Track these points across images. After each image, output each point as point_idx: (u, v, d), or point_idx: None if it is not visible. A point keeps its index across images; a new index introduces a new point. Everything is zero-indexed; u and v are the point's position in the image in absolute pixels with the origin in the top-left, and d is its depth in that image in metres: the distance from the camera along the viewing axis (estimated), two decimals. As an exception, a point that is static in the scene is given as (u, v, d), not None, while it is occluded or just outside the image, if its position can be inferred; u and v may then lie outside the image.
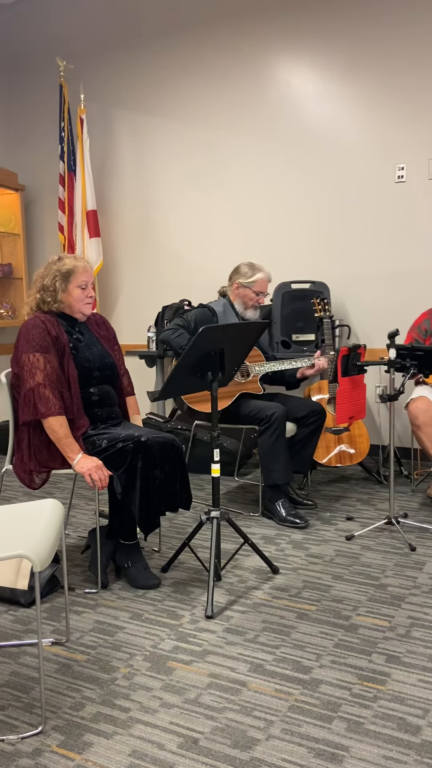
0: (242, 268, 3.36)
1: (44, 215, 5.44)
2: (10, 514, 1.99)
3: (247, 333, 2.53)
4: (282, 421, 3.12)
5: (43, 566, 1.66)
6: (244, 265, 3.36)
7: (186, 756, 1.58)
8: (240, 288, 3.34)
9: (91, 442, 2.49)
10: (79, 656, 2.04)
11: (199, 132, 4.73)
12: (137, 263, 5.09)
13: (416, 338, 3.57)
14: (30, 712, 1.76)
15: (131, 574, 2.53)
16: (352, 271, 4.35)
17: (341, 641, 2.10)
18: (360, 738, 1.64)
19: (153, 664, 1.99)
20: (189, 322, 3.29)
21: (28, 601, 2.37)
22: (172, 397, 2.60)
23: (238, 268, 3.38)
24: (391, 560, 2.73)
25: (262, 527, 3.17)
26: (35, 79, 5.34)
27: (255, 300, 3.34)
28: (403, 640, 2.10)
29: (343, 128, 4.27)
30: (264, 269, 3.35)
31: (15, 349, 2.51)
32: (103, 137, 5.10)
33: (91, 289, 2.63)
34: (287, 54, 4.37)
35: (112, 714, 1.75)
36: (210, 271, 4.81)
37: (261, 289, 3.33)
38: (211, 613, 2.27)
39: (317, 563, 2.72)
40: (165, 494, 2.49)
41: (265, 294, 3.36)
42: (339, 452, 3.64)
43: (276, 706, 1.77)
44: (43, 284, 2.58)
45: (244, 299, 3.35)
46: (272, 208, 4.55)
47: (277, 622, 2.23)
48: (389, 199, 4.19)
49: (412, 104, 4.06)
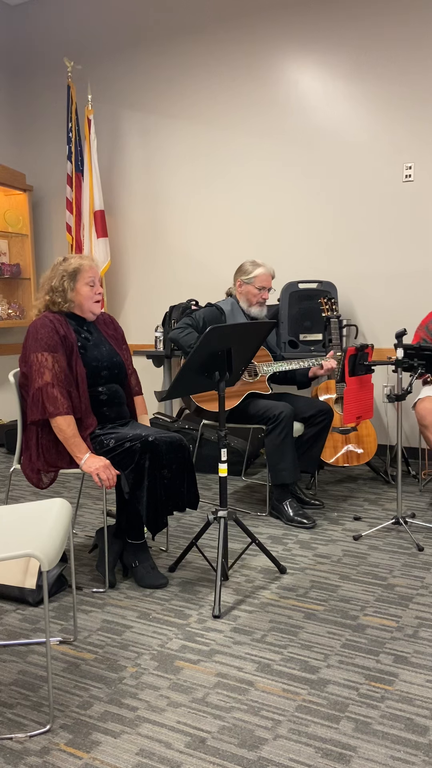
0: (244, 266, 3.37)
1: (52, 215, 5.46)
2: (19, 513, 1.99)
3: (255, 333, 2.53)
4: (289, 420, 3.12)
5: (51, 565, 1.67)
6: (247, 262, 3.37)
7: (193, 755, 1.59)
8: (243, 285, 3.35)
9: (98, 442, 2.49)
10: (86, 655, 2.05)
11: (206, 132, 4.73)
12: (145, 263, 5.10)
13: (424, 338, 3.56)
14: (38, 711, 1.77)
15: (139, 574, 2.53)
16: (359, 271, 4.34)
17: (349, 641, 2.10)
18: (367, 738, 1.63)
19: (160, 663, 1.99)
20: (198, 321, 3.30)
21: (36, 600, 2.38)
22: (179, 396, 2.61)
23: (241, 266, 3.39)
24: (398, 560, 2.73)
25: (269, 527, 3.17)
26: (43, 80, 5.35)
27: (258, 296, 3.34)
28: (411, 640, 2.09)
29: (350, 127, 4.26)
30: (265, 264, 3.35)
31: (23, 349, 2.52)
32: (111, 137, 5.11)
33: (99, 286, 2.64)
34: (295, 53, 4.36)
35: (119, 713, 1.75)
36: (217, 271, 4.81)
37: (263, 284, 3.33)
38: (219, 612, 2.27)
39: (325, 563, 2.72)
40: (172, 494, 2.49)
41: (268, 289, 3.36)
42: (346, 452, 3.63)
43: (283, 706, 1.77)
44: (52, 285, 2.59)
45: (247, 296, 3.36)
46: (280, 208, 4.55)
47: (284, 621, 2.23)
48: (397, 198, 4.18)
49: (420, 103, 4.05)
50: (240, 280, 3.36)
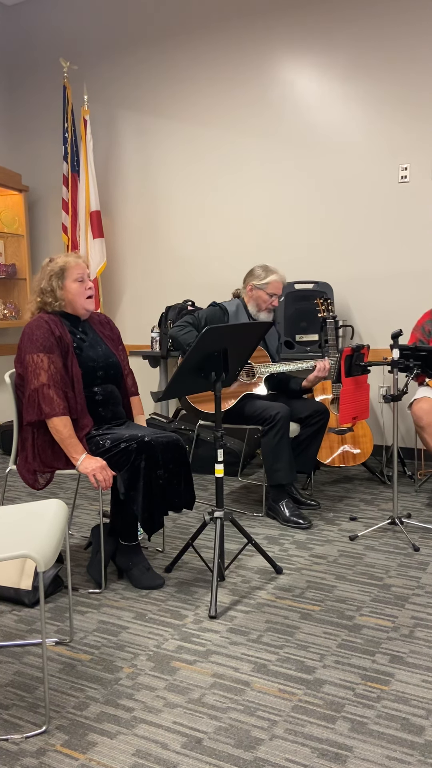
0: (256, 270, 3.36)
1: (48, 216, 5.46)
2: (15, 514, 1.99)
3: (251, 333, 2.53)
4: (286, 421, 3.13)
5: (47, 566, 1.66)
6: (258, 267, 3.36)
7: (190, 756, 1.59)
8: (254, 290, 3.34)
9: (94, 443, 2.49)
10: (82, 656, 2.04)
11: (202, 133, 4.73)
12: (141, 264, 5.10)
13: (420, 338, 3.57)
14: (34, 712, 1.76)
15: (134, 576, 2.53)
16: (355, 272, 4.35)
17: (345, 641, 2.10)
18: (363, 738, 1.64)
19: (157, 663, 1.99)
20: (199, 320, 3.29)
21: (32, 601, 2.37)
22: (175, 397, 2.61)
23: (252, 270, 3.37)
24: (394, 560, 2.73)
25: (265, 527, 3.17)
26: (39, 80, 5.35)
27: (269, 302, 3.33)
28: (407, 640, 2.10)
29: (346, 128, 4.27)
30: (278, 271, 3.34)
31: (19, 350, 2.52)
32: (107, 138, 5.11)
33: (90, 282, 2.63)
34: (291, 54, 4.37)
35: (116, 714, 1.75)
36: (213, 271, 4.81)
37: (274, 290, 3.33)
38: (215, 613, 2.27)
39: (321, 563, 2.72)
40: (168, 494, 2.49)
41: (279, 296, 3.36)
42: (342, 452, 3.64)
43: (279, 706, 1.77)
44: (41, 287, 2.60)
45: (257, 301, 3.35)
46: (275, 208, 4.55)
47: (280, 622, 2.23)
48: (393, 199, 4.19)
49: (416, 104, 4.06)
50: (251, 285, 3.34)
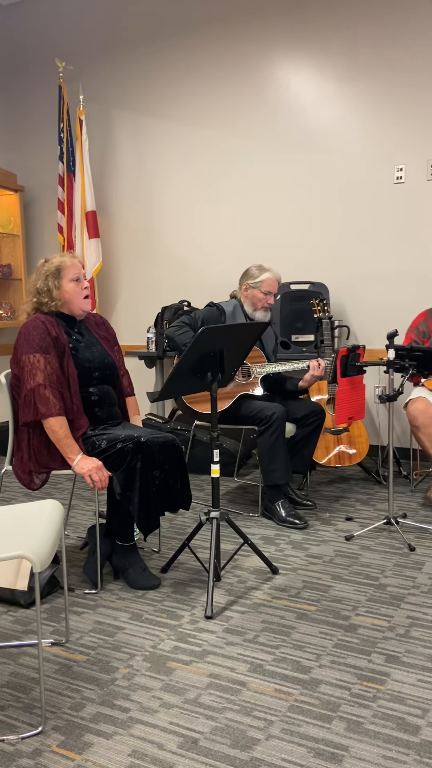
0: (251, 270, 3.36)
1: (43, 216, 5.45)
2: (10, 514, 1.99)
3: (247, 333, 2.54)
4: (281, 421, 3.13)
5: (42, 567, 1.66)
6: (253, 266, 3.37)
7: (186, 756, 1.59)
8: (248, 289, 3.34)
9: (90, 443, 2.49)
10: (78, 657, 2.04)
11: (198, 133, 4.73)
12: (137, 264, 5.10)
13: (415, 339, 3.58)
14: (30, 713, 1.76)
15: (130, 576, 2.53)
16: (351, 272, 4.36)
17: (341, 641, 2.10)
18: (359, 738, 1.64)
19: (153, 664, 1.99)
20: (196, 320, 3.29)
21: (27, 601, 2.37)
22: (171, 397, 2.61)
23: (248, 270, 3.38)
24: (390, 560, 2.73)
25: (261, 528, 3.17)
26: (34, 80, 5.34)
27: (264, 300, 3.34)
28: (403, 640, 2.10)
29: (342, 129, 4.28)
30: (272, 269, 3.34)
31: (14, 350, 2.51)
32: (102, 138, 5.11)
33: (86, 282, 2.63)
34: (287, 55, 4.38)
35: (112, 714, 1.75)
36: (209, 272, 4.81)
37: (269, 288, 3.33)
38: (211, 613, 2.27)
39: (317, 563, 2.72)
40: (164, 495, 2.49)
41: (274, 294, 3.36)
42: (338, 452, 3.64)
43: (276, 706, 1.77)
44: (37, 288, 2.59)
45: (253, 300, 3.35)
46: (271, 209, 4.55)
47: (276, 622, 2.24)
48: (388, 199, 4.20)
49: (411, 105, 4.07)
50: (246, 284, 3.35)
